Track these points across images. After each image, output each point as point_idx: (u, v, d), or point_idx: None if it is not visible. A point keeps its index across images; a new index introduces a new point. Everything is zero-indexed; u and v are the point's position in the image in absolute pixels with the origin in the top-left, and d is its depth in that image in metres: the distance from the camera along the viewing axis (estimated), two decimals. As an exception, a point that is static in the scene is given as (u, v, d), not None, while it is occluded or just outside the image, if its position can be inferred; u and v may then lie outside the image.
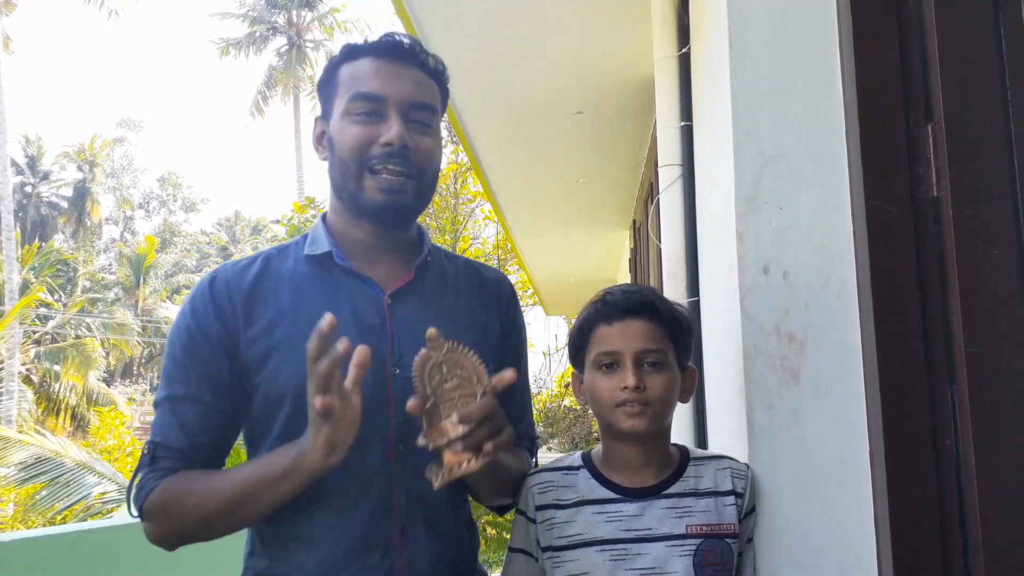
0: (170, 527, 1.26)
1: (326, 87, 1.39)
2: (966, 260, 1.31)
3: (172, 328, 1.34)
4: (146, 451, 1.29)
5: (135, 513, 1.28)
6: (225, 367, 1.29)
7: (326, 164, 1.39)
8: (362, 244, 1.38)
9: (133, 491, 1.28)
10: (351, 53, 1.36)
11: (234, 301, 1.31)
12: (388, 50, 1.34)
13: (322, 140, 1.39)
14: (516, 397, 1.54)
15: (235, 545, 1.39)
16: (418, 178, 1.33)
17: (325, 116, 1.39)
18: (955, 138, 1.34)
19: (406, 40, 1.36)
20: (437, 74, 1.39)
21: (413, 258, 1.41)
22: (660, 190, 2.64)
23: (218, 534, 1.27)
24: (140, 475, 1.28)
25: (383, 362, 1.29)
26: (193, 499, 1.24)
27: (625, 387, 1.29)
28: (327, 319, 1.09)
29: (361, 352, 1.10)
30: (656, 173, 2.84)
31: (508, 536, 1.44)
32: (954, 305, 1.32)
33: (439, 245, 1.51)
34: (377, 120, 1.30)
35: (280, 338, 1.29)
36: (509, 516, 1.47)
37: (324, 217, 1.43)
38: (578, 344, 1.40)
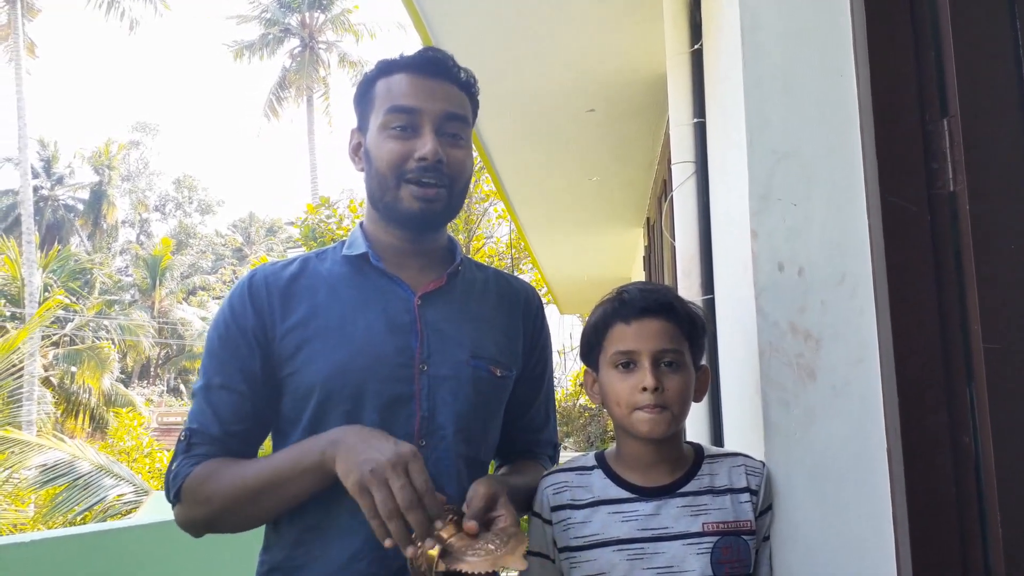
0: (198, 511, 1.30)
1: (362, 100, 1.45)
2: (983, 255, 1.30)
3: (212, 322, 1.41)
4: (182, 438, 1.34)
5: (171, 498, 1.33)
6: (257, 359, 1.35)
7: (362, 174, 1.45)
8: (395, 250, 1.43)
9: (170, 477, 1.33)
10: (387, 68, 1.42)
11: (271, 295, 1.37)
12: (422, 65, 1.40)
13: (358, 152, 1.46)
14: (541, 406, 1.60)
15: (251, 544, 1.41)
16: (450, 188, 1.38)
17: (361, 128, 1.45)
18: (971, 132, 1.33)
19: (439, 55, 1.41)
20: (468, 87, 1.45)
21: (444, 265, 1.47)
22: (673, 187, 2.63)
23: (243, 523, 1.31)
24: (176, 462, 1.33)
25: (412, 358, 1.35)
26: (222, 484, 1.28)
27: (644, 388, 1.29)
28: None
29: None
30: (669, 170, 2.83)
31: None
32: (971, 301, 1.31)
33: (469, 256, 1.56)
34: (412, 134, 1.36)
35: (314, 331, 1.34)
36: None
37: (361, 224, 1.49)
38: (593, 343, 1.40)
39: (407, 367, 1.34)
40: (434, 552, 1.11)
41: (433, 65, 1.40)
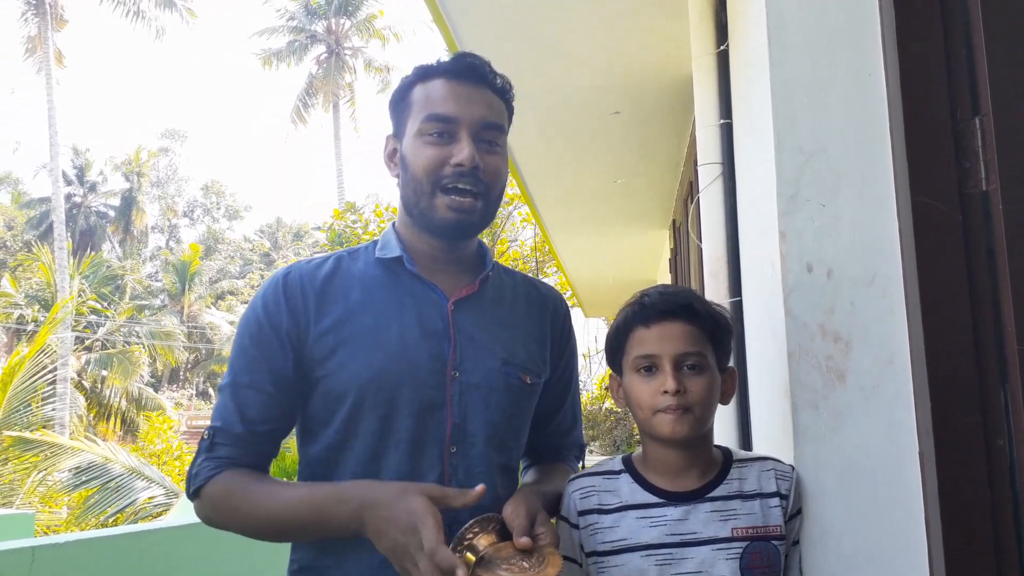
0: (219, 517, 1.32)
1: (399, 106, 1.44)
2: (1017, 255, 1.28)
3: (242, 319, 1.40)
4: (206, 436, 1.35)
5: (190, 495, 1.34)
6: (290, 360, 1.34)
7: (396, 180, 1.44)
8: (427, 255, 1.43)
9: (191, 473, 1.34)
10: (424, 74, 1.41)
11: (306, 296, 1.36)
12: (460, 72, 1.39)
13: (394, 157, 1.45)
14: (568, 411, 1.61)
15: (280, 546, 1.42)
16: (485, 197, 1.38)
17: (397, 134, 1.44)
18: (1004, 130, 1.31)
19: (476, 61, 1.41)
20: (504, 93, 1.44)
21: (475, 271, 1.47)
22: (700, 189, 2.61)
23: (262, 540, 1.33)
24: (199, 460, 1.34)
25: (444, 364, 1.35)
26: (243, 507, 1.29)
27: (665, 391, 1.28)
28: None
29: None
30: (696, 172, 2.81)
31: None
32: (1005, 301, 1.29)
33: (497, 261, 1.56)
34: (449, 141, 1.35)
35: (348, 335, 1.34)
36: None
37: (394, 225, 1.48)
38: (615, 347, 1.39)
39: (440, 373, 1.34)
40: (471, 557, 1.15)
41: (471, 71, 1.39)
